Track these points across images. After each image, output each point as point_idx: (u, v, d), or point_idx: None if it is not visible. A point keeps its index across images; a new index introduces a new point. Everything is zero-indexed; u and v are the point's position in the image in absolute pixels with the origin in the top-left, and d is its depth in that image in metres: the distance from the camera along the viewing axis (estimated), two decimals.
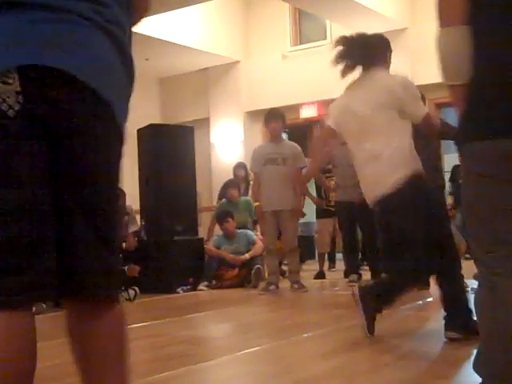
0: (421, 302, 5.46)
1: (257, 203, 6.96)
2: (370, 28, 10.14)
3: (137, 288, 6.31)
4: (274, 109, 7.16)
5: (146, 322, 4.86)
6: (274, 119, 6.67)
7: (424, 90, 6.16)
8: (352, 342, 3.63)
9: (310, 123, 11.53)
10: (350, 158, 6.67)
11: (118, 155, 1.45)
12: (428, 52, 10.87)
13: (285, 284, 6.96)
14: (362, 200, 6.64)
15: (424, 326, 4.27)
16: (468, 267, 7.79)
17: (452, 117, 7.80)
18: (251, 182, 9.27)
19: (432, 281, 6.18)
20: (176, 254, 7.23)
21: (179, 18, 10.40)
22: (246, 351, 3.48)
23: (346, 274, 7.58)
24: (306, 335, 3.92)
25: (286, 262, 7.35)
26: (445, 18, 1.80)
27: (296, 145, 6.80)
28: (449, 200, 8.80)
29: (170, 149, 7.50)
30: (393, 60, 10.05)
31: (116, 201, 1.46)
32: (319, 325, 4.47)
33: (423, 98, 5.87)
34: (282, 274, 7.53)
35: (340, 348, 3.47)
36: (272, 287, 6.57)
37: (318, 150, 4.50)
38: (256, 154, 6.84)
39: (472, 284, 6.12)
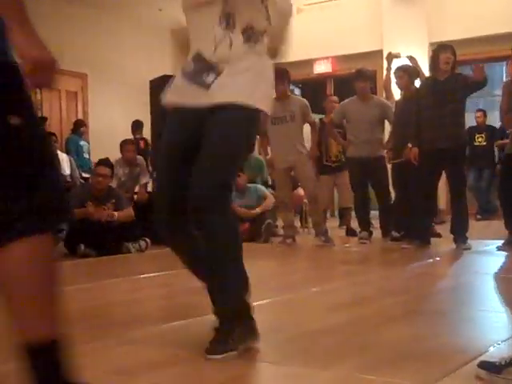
0: (431, 259, 5.48)
1: (268, 156, 6.99)
2: None
3: (148, 239, 6.36)
4: (278, 68, 6.99)
5: (157, 272, 4.91)
6: (278, 81, 6.51)
7: None
8: (361, 296, 3.66)
9: (323, 79, 11.43)
10: (363, 113, 6.68)
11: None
12: (444, 8, 10.75)
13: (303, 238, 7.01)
14: (374, 156, 6.67)
15: (432, 284, 4.29)
16: (479, 227, 7.82)
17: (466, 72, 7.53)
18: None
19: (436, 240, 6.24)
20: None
21: None
22: (255, 304, 3.50)
23: (347, 232, 7.64)
24: (315, 289, 3.95)
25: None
26: None
27: (303, 100, 6.75)
28: None
29: None
30: (409, 18, 9.99)
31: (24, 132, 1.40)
32: (329, 279, 4.50)
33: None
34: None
35: (348, 303, 3.50)
36: (289, 240, 6.63)
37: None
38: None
39: (482, 245, 6.14)
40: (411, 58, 6.97)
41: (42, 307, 1.41)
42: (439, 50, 5.92)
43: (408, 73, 6.66)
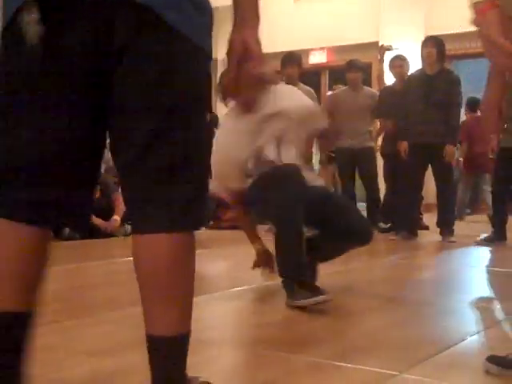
0: (416, 251, 5.50)
1: None
2: None
3: None
4: (290, 52, 6.90)
5: None
6: (289, 64, 6.37)
7: None
8: (342, 285, 3.65)
9: (318, 69, 11.40)
10: (354, 103, 6.66)
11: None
12: (443, 1, 10.66)
13: None
14: (363, 146, 6.66)
15: (414, 275, 4.30)
16: (466, 222, 7.82)
17: (464, 69, 7.70)
18: None
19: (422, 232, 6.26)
20: None
21: None
22: (238, 289, 3.51)
23: None
24: None
25: None
26: None
27: (311, 90, 6.68)
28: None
29: None
30: (407, 10, 9.99)
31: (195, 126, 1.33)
32: None
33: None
34: None
35: (329, 290, 3.49)
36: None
37: None
38: None
39: (468, 238, 6.17)
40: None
41: (176, 300, 1.36)
42: (422, 45, 5.96)
43: (406, 62, 6.66)
